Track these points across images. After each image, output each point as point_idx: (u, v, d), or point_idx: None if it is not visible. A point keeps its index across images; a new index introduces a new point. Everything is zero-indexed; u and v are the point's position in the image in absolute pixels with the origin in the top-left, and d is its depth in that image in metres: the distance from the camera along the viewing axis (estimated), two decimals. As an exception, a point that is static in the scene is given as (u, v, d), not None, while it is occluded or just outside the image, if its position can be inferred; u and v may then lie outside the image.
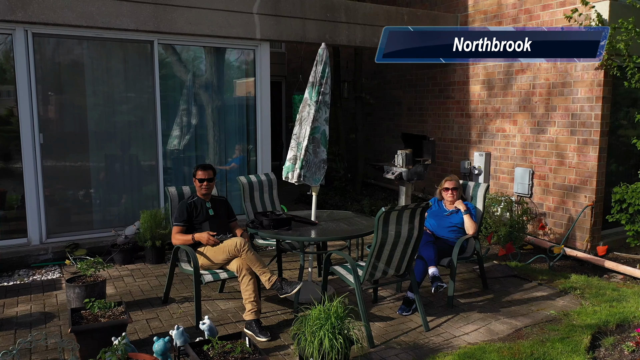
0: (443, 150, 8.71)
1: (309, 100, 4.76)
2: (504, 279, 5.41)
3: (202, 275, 4.15)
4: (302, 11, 6.87)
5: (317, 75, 4.77)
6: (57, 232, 5.95)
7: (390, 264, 4.07)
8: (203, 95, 6.82)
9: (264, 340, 3.90)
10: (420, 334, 4.07)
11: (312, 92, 4.72)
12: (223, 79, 6.91)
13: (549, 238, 7.02)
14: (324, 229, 4.57)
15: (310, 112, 4.72)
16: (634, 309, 4.43)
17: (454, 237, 4.80)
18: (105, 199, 6.30)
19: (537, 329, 4.12)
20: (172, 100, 6.60)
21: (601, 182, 6.52)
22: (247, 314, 4.03)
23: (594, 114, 6.41)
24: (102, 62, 6.10)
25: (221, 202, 4.64)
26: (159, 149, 6.37)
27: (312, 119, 4.65)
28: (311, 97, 4.73)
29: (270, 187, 5.65)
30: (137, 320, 4.27)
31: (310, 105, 4.72)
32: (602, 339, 3.96)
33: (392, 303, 4.72)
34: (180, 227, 4.35)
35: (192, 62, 6.71)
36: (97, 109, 6.14)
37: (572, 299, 4.82)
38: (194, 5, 6.16)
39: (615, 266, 5.92)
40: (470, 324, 4.26)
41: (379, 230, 3.81)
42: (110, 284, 5.16)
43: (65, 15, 5.55)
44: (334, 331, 3.22)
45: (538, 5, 7.01)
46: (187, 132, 6.76)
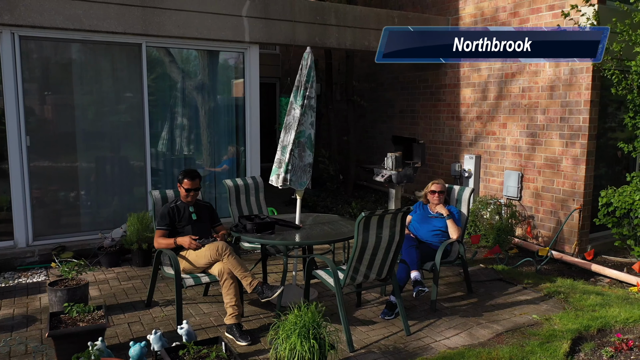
0: (434, 153, 8.72)
1: (294, 104, 4.77)
2: (490, 283, 5.41)
3: (184, 279, 4.15)
4: (291, 14, 6.88)
5: (302, 79, 4.77)
6: (44, 235, 5.95)
7: (371, 268, 4.07)
8: (192, 97, 6.82)
9: (244, 345, 3.90)
10: (401, 338, 4.08)
11: (298, 96, 4.73)
12: (212, 82, 6.91)
13: (538, 241, 7.03)
14: (308, 233, 4.57)
15: (295, 116, 4.72)
16: (616, 314, 4.43)
17: (438, 241, 4.81)
18: (92, 201, 6.30)
19: (518, 334, 4.13)
20: (160, 103, 6.60)
21: (589, 186, 6.53)
22: (228, 318, 4.04)
23: (582, 117, 6.42)
24: (90, 65, 6.11)
25: (205, 207, 4.64)
26: (147, 152, 6.38)
27: (297, 123, 4.66)
28: (296, 100, 4.74)
29: (257, 190, 5.65)
30: (119, 324, 4.27)
31: (296, 109, 4.73)
32: (583, 344, 3.96)
33: (376, 307, 4.73)
34: (162, 231, 4.36)
35: (181, 65, 6.71)
36: (85, 111, 6.15)
37: (555, 303, 4.82)
38: (182, 8, 6.17)
39: (602, 270, 5.93)
40: (451, 328, 4.27)
41: (359, 234, 3.81)
42: (95, 286, 5.16)
43: (53, 18, 5.55)
44: (309, 336, 3.23)
45: (527, 8, 7.03)
46: (176, 135, 6.77)
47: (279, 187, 4.66)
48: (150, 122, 6.41)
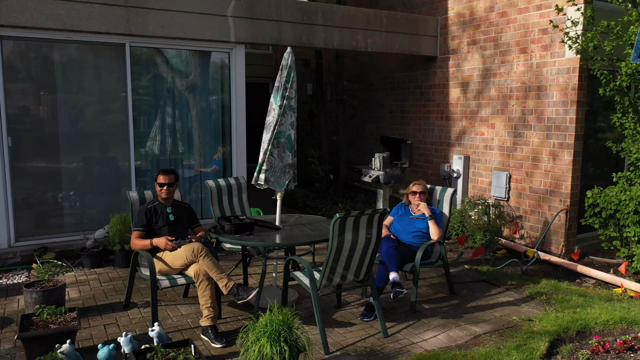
0: (424, 153, 8.69)
1: (273, 105, 4.74)
2: (473, 284, 5.38)
3: (159, 281, 4.12)
4: (277, 14, 6.85)
5: (282, 80, 4.75)
6: (27, 236, 5.92)
7: (349, 269, 4.04)
8: (178, 98, 6.79)
9: (219, 347, 3.87)
10: (378, 340, 4.04)
11: (277, 96, 4.70)
12: (198, 82, 6.88)
13: (525, 242, 6.99)
14: (287, 234, 4.54)
15: (274, 116, 4.69)
16: (597, 315, 4.40)
17: (418, 243, 4.77)
18: (76, 202, 6.27)
19: (496, 336, 4.09)
20: (145, 103, 6.57)
21: (576, 186, 6.50)
22: (204, 319, 4.01)
23: (568, 117, 6.39)
24: (73, 65, 6.07)
25: (184, 208, 4.61)
26: (131, 152, 6.35)
27: (275, 123, 4.63)
28: (276, 101, 4.71)
29: (240, 190, 5.63)
30: (95, 326, 4.24)
31: (275, 109, 4.70)
32: (561, 346, 3.93)
33: (356, 308, 4.70)
34: (139, 232, 4.33)
35: (166, 65, 6.68)
36: (68, 111, 6.11)
37: (537, 305, 4.79)
38: (166, 8, 6.14)
39: (588, 271, 5.90)
40: (430, 330, 4.24)
41: (334, 236, 3.78)
42: (76, 288, 5.13)
43: (34, 18, 5.52)
44: (279, 339, 3.19)
45: (514, 8, 6.99)
46: (161, 135, 6.73)
47: (260, 187, 4.64)
48: (135, 123, 6.38)
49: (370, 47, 7.63)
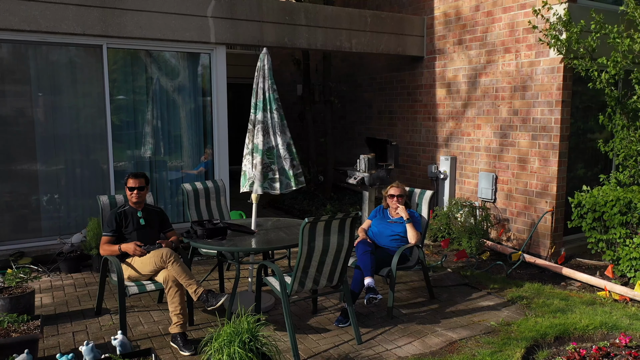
0: (412, 155, 8.60)
1: (251, 109, 4.67)
2: (455, 288, 5.29)
3: (128, 287, 4.03)
4: (259, 14, 6.76)
5: (257, 82, 4.68)
6: (3, 240, 5.83)
7: (321, 274, 3.95)
8: (157, 100, 6.69)
9: (187, 355, 3.79)
10: (352, 347, 3.96)
11: (254, 100, 4.63)
12: (178, 84, 6.79)
13: (512, 244, 6.91)
14: (261, 239, 4.45)
15: (252, 120, 4.62)
16: (576, 320, 4.31)
17: (396, 246, 4.68)
18: (53, 205, 6.18)
19: (473, 342, 4.01)
20: (124, 105, 6.48)
21: (562, 187, 6.41)
22: (173, 327, 3.92)
23: (553, 118, 6.31)
24: (50, 67, 5.98)
25: (155, 212, 4.52)
26: (109, 155, 6.26)
27: (253, 127, 4.56)
28: (254, 105, 4.63)
29: (218, 193, 5.53)
30: (64, 333, 4.15)
31: (252, 113, 4.63)
32: (538, 352, 3.84)
33: (332, 314, 4.61)
34: (108, 237, 4.24)
35: (145, 67, 6.58)
36: (45, 114, 6.02)
37: (517, 309, 4.70)
38: (144, 8, 6.05)
39: (572, 273, 5.81)
40: (405, 336, 4.15)
41: (303, 241, 3.69)
42: (49, 293, 5.04)
43: (7, 20, 5.43)
44: (245, 347, 3.11)
45: (499, 7, 6.91)
46: (140, 138, 6.64)
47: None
48: (113, 125, 6.29)
49: (355, 48, 7.54)
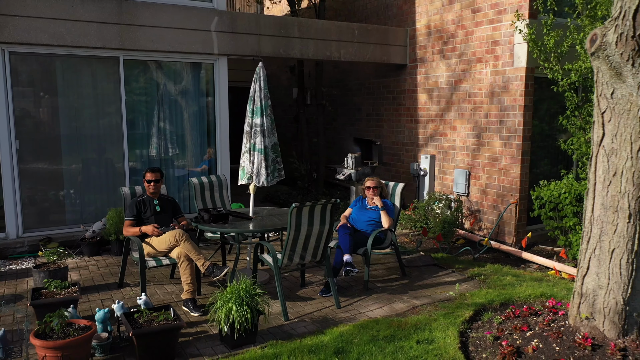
0: (396, 153, 9.44)
1: (248, 114, 5.50)
2: (425, 267, 6.14)
3: (147, 262, 4.88)
4: (257, 28, 7.61)
5: (254, 90, 5.51)
6: (33, 228, 6.68)
7: (306, 251, 4.79)
8: (167, 104, 7.55)
9: (197, 315, 4.63)
10: (332, 311, 4.80)
11: (251, 106, 5.46)
12: (185, 90, 7.64)
13: (483, 233, 7.75)
14: (258, 223, 5.30)
15: (248, 122, 5.45)
16: (521, 291, 5.15)
17: (371, 230, 5.53)
18: (76, 198, 7.03)
19: (432, 307, 4.85)
20: (138, 109, 7.33)
21: (525, 182, 7.25)
22: (185, 293, 4.76)
23: (517, 120, 7.15)
24: (73, 76, 6.83)
25: (168, 201, 5.37)
26: (125, 154, 7.11)
27: (250, 129, 5.39)
28: (252, 111, 5.47)
29: (220, 186, 6.38)
30: (94, 301, 5.00)
31: (249, 117, 5.46)
32: (484, 314, 4.68)
33: (318, 287, 5.45)
34: (130, 221, 5.09)
35: (156, 75, 7.43)
36: (69, 117, 6.87)
37: (475, 284, 5.54)
38: (155, 24, 6.89)
39: (531, 257, 6.65)
40: (377, 302, 4.99)
41: (292, 223, 4.53)
42: (76, 271, 5.89)
43: (38, 36, 6.28)
44: (242, 303, 3.95)
45: (472, 22, 7.75)
46: (152, 138, 7.49)
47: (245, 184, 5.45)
48: (129, 127, 7.14)
49: (344, 57, 8.39)
